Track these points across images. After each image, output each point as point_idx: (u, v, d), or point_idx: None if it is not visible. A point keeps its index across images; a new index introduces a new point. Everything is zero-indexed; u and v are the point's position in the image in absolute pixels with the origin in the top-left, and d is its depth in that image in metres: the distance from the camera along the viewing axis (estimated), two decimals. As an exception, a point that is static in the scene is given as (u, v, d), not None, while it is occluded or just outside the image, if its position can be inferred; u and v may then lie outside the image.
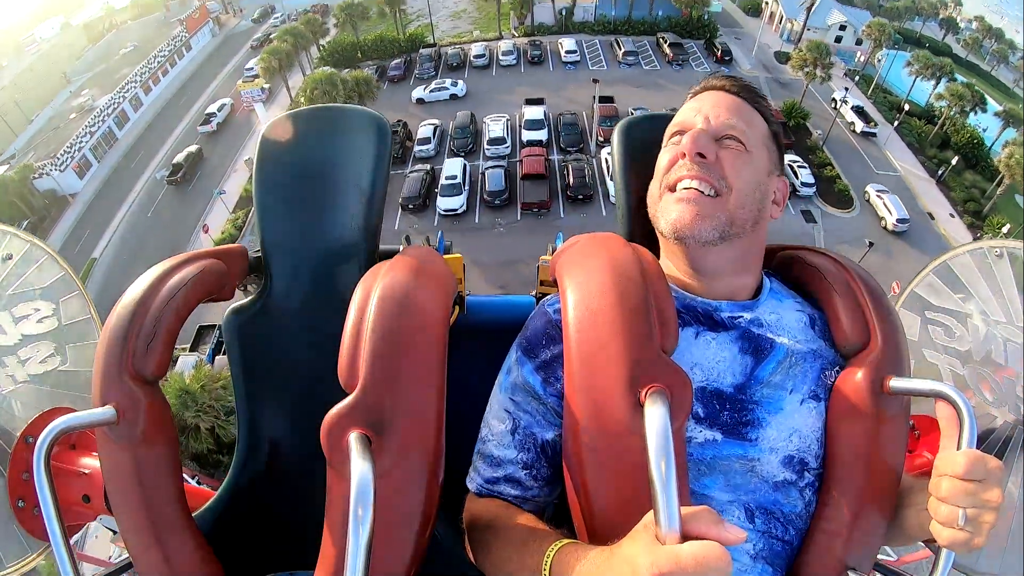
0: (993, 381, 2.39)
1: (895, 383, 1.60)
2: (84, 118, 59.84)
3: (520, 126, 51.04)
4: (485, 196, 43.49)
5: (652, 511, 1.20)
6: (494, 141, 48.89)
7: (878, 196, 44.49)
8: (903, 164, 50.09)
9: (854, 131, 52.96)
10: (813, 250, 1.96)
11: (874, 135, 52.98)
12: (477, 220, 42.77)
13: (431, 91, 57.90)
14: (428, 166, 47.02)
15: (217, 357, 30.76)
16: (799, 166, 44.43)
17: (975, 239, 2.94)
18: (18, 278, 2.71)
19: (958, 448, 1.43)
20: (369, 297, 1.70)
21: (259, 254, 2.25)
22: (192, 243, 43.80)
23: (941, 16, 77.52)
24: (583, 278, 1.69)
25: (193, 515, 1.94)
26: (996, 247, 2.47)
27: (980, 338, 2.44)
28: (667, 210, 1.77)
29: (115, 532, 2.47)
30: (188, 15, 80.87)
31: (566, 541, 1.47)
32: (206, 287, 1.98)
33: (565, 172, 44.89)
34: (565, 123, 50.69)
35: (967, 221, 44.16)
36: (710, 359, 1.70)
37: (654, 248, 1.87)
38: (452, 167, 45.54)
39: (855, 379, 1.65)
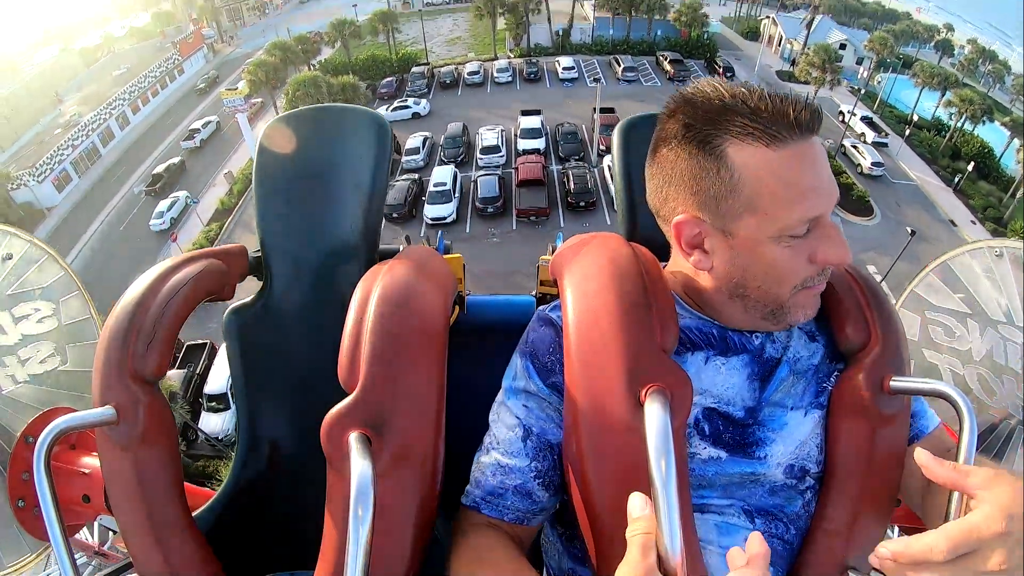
0: (993, 381, 2.39)
1: (895, 383, 1.59)
2: (68, 133, 59.14)
3: (516, 136, 49.67)
4: (477, 204, 41.79)
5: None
6: (488, 150, 47.38)
7: (852, 147, 49.93)
8: (917, 174, 50.01)
9: (864, 141, 52.68)
10: None
11: (885, 145, 52.77)
12: (468, 230, 40.86)
13: (393, 109, 56.49)
14: (416, 176, 45.28)
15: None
16: (815, 175, 44.50)
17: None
18: (18, 278, 2.72)
19: (958, 451, 1.39)
20: (369, 297, 1.71)
21: (259, 254, 2.26)
22: (160, 254, 42.37)
23: (936, 40, 78.18)
24: (583, 278, 1.70)
25: (193, 515, 1.94)
26: (996, 247, 2.47)
27: (980, 338, 2.43)
28: (803, 306, 1.61)
29: (115, 532, 2.47)
30: (182, 39, 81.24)
31: None
32: (206, 287, 1.99)
33: (565, 180, 43.07)
34: (564, 132, 49.14)
35: (989, 227, 44.17)
36: (719, 385, 1.68)
37: (654, 249, 1.85)
38: (441, 174, 43.84)
39: (855, 379, 1.65)
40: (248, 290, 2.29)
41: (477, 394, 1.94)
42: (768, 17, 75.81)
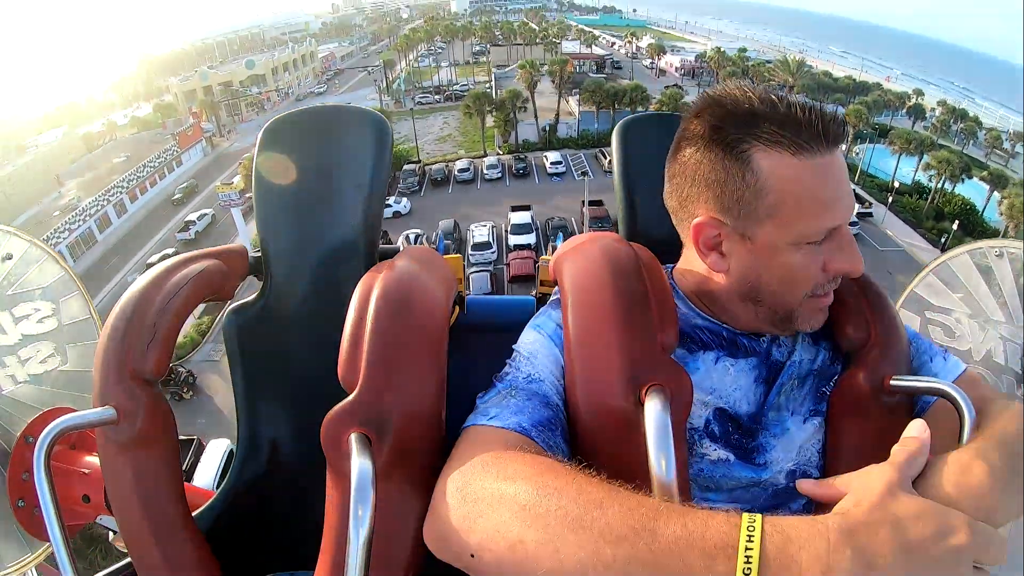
0: (993, 381, 2.39)
1: (896, 382, 1.60)
2: (66, 216, 59.83)
3: (506, 232, 49.88)
4: (469, 301, 41.04)
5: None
6: (479, 247, 47.27)
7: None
8: (904, 240, 50.37)
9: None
10: None
11: (870, 215, 54.18)
12: (461, 326, 39.99)
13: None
14: (409, 273, 44.29)
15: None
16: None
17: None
18: (18, 278, 2.73)
19: (958, 447, 1.36)
20: (369, 297, 1.71)
21: (259, 254, 2.26)
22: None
23: (908, 106, 78.96)
24: (583, 278, 1.70)
25: (193, 515, 1.94)
26: (996, 247, 2.48)
27: (980, 338, 2.44)
28: (812, 316, 1.65)
29: (115, 532, 2.45)
30: (181, 131, 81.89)
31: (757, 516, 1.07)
32: (206, 287, 1.99)
33: (557, 276, 42.24)
34: (554, 227, 49.42)
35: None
36: (728, 386, 1.68)
37: (653, 248, 1.86)
38: (432, 272, 43.23)
39: (856, 378, 1.66)
40: (248, 290, 2.29)
41: (477, 394, 1.92)
42: (747, 100, 76.17)
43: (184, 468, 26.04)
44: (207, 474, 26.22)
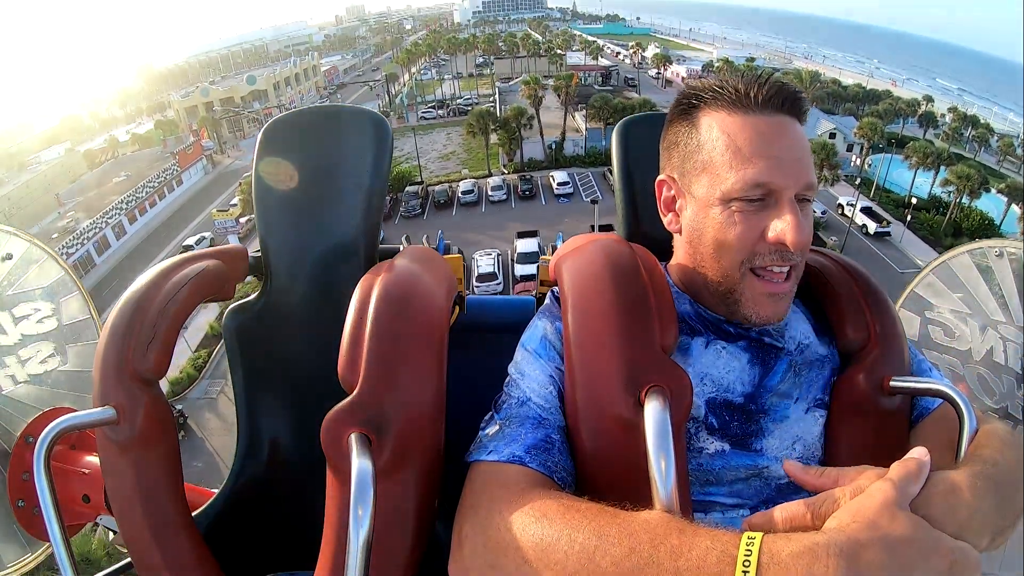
0: (993, 381, 2.38)
1: (895, 382, 1.60)
2: (65, 239, 59.03)
3: (512, 260, 47.70)
4: (474, 338, 39.61)
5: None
6: (484, 277, 44.55)
7: (847, 209, 55.19)
8: (922, 259, 48.19)
9: (867, 233, 52.66)
10: (813, 251, 1.93)
11: (888, 234, 52.87)
12: (465, 361, 38.81)
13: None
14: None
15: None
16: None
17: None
18: (18, 278, 2.73)
19: (958, 449, 1.40)
20: (369, 297, 1.71)
21: (259, 254, 2.26)
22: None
23: (919, 113, 78.28)
24: (583, 278, 1.70)
25: (193, 515, 1.94)
26: (996, 247, 2.48)
27: (980, 338, 2.43)
28: (756, 301, 1.63)
29: (115, 532, 2.44)
30: (180, 149, 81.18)
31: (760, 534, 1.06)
32: (206, 287, 1.99)
33: (566, 307, 40.42)
34: None
35: (998, 303, 44.05)
36: (720, 369, 1.69)
37: (653, 248, 1.86)
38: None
39: (855, 379, 1.66)
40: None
41: (477, 394, 1.92)
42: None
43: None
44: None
